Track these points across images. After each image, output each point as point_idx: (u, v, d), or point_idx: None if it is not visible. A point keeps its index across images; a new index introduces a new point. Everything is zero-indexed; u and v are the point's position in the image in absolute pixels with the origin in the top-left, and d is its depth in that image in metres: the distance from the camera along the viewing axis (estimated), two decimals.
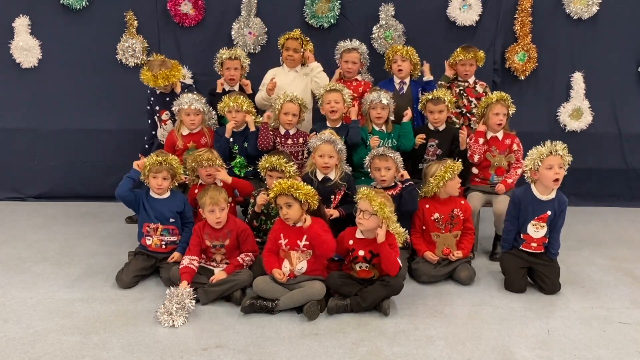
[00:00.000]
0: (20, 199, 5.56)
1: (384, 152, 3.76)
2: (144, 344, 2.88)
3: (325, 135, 3.84)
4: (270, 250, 3.41)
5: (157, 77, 4.36)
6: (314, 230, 3.26)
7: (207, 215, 3.50)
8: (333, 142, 3.77)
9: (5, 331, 2.99)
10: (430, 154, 4.31)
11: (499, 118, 4.14)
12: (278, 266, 3.35)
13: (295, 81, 4.63)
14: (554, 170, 3.39)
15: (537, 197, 3.53)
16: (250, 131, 4.26)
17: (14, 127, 5.48)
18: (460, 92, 4.65)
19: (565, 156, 3.43)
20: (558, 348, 2.89)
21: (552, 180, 3.41)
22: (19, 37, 5.33)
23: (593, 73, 5.44)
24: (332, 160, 3.77)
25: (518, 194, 3.62)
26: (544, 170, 3.42)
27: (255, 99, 4.57)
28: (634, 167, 5.64)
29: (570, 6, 5.32)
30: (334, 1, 5.26)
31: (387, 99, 4.21)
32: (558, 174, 3.40)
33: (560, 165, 3.41)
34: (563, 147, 3.44)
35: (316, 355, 2.80)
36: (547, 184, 3.46)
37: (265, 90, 4.54)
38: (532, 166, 3.46)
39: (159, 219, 3.72)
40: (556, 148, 3.41)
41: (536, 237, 3.58)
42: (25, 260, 4.00)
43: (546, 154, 3.40)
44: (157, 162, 3.69)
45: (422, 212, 3.81)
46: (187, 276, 3.33)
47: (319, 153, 3.78)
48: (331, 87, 4.26)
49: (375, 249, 3.27)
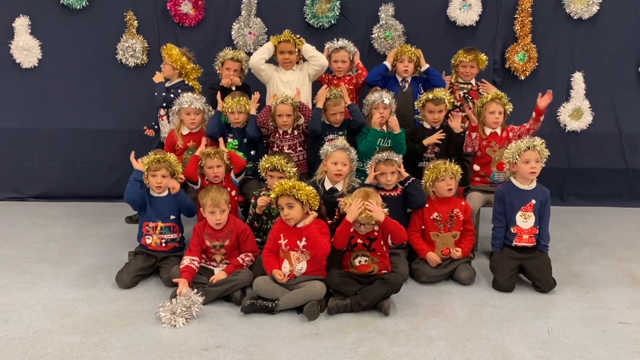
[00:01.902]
0: (20, 199, 5.57)
1: (389, 157, 3.76)
2: (144, 344, 2.88)
3: (339, 143, 3.83)
4: (270, 250, 3.41)
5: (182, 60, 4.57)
6: (310, 231, 3.27)
7: (208, 216, 3.50)
8: (347, 149, 3.78)
9: (5, 331, 2.99)
10: (429, 152, 4.32)
11: (494, 116, 4.17)
12: (278, 266, 3.35)
13: (295, 79, 4.62)
14: (530, 165, 3.57)
15: (520, 188, 3.68)
16: (250, 115, 4.29)
17: (14, 127, 5.49)
18: (464, 96, 4.66)
19: (543, 151, 3.60)
20: (558, 348, 2.89)
21: (528, 172, 3.59)
22: (19, 37, 5.33)
23: (593, 73, 5.45)
24: (345, 168, 3.75)
25: (501, 189, 3.75)
26: (521, 163, 3.60)
27: (251, 58, 4.56)
28: (634, 167, 5.64)
29: (570, 6, 5.32)
30: (334, 1, 5.26)
31: (389, 98, 4.22)
32: (534, 168, 3.59)
33: (537, 160, 3.59)
34: (541, 142, 3.62)
35: (316, 355, 2.80)
36: (524, 177, 3.63)
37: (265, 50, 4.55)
38: (511, 159, 3.63)
39: (160, 216, 3.72)
40: (534, 143, 3.59)
41: (526, 228, 3.64)
42: (25, 260, 4.00)
43: (524, 149, 3.57)
44: (155, 160, 3.69)
45: (422, 211, 3.82)
46: (187, 275, 3.33)
47: (332, 160, 3.75)
48: (335, 96, 4.26)
49: (371, 234, 3.35)
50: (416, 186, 3.78)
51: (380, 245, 3.40)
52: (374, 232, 3.39)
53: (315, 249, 3.26)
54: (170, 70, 4.63)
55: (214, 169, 3.94)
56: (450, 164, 3.77)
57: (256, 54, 4.58)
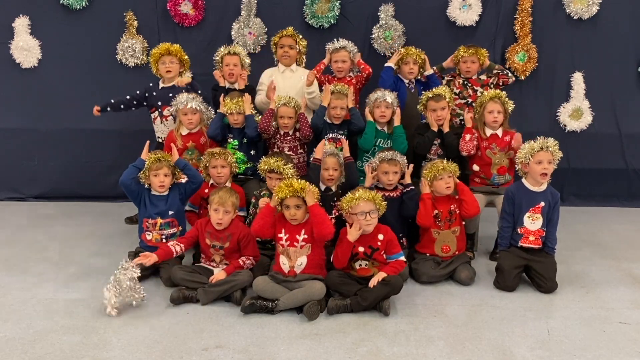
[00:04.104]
0: (20, 199, 5.57)
1: (392, 157, 3.77)
2: (144, 344, 2.88)
3: (329, 149, 3.91)
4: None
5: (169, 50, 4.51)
6: (317, 209, 3.27)
7: (211, 214, 3.50)
8: (337, 155, 3.87)
9: (5, 331, 2.99)
10: (432, 153, 4.30)
11: (493, 116, 4.15)
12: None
13: (292, 81, 4.62)
14: (542, 165, 3.55)
15: (530, 189, 3.65)
16: (247, 114, 4.27)
17: (14, 127, 5.49)
18: (464, 83, 4.63)
19: (556, 152, 3.57)
20: (558, 348, 2.89)
21: (540, 174, 3.56)
22: (19, 37, 5.34)
23: (593, 73, 5.45)
24: (336, 172, 3.86)
25: (511, 189, 3.73)
26: (533, 164, 3.57)
27: (256, 101, 4.57)
28: (634, 167, 5.64)
29: (570, 6, 5.32)
30: (334, 1, 5.26)
31: (391, 97, 4.22)
32: (546, 169, 3.55)
33: (549, 161, 3.56)
34: (554, 143, 3.58)
35: (316, 355, 2.80)
36: (535, 178, 3.60)
37: (265, 93, 4.56)
38: (524, 159, 3.59)
39: (159, 213, 3.72)
40: (547, 144, 3.56)
41: (533, 230, 3.63)
42: (25, 260, 4.00)
43: (537, 149, 3.55)
44: (155, 160, 3.69)
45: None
46: (160, 252, 3.40)
47: (323, 166, 3.85)
48: (339, 91, 4.25)
49: (374, 243, 3.35)
50: (413, 197, 3.78)
51: (381, 255, 3.39)
52: (377, 241, 3.37)
53: (322, 226, 3.26)
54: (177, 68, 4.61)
55: (217, 169, 3.95)
56: (448, 163, 3.77)
57: (257, 99, 4.59)
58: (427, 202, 3.73)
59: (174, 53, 4.55)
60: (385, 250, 3.38)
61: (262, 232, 3.39)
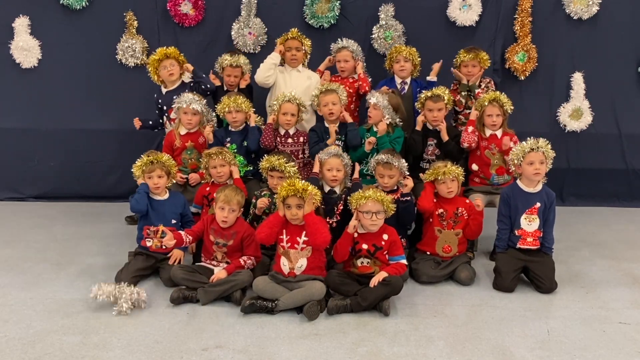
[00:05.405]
0: (20, 199, 5.57)
1: (388, 160, 3.76)
2: (144, 344, 2.88)
3: (332, 149, 3.87)
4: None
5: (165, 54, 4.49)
6: (312, 218, 3.27)
7: (216, 211, 3.51)
8: (340, 156, 3.83)
9: (5, 331, 2.99)
10: (429, 154, 4.31)
11: (492, 119, 4.16)
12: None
13: (298, 81, 4.63)
14: (534, 166, 3.55)
15: (525, 190, 3.65)
16: (250, 127, 4.27)
17: (14, 127, 5.48)
18: (469, 95, 4.61)
19: (548, 152, 3.57)
20: (558, 348, 2.89)
21: (532, 174, 3.56)
22: (19, 37, 5.33)
23: (593, 73, 5.45)
24: (339, 173, 3.82)
25: (506, 191, 3.73)
26: (525, 165, 3.58)
27: (257, 75, 4.58)
28: (634, 167, 5.64)
29: (570, 6, 5.32)
30: (334, 1, 5.26)
31: (377, 98, 4.18)
32: (538, 170, 3.55)
33: (541, 161, 3.55)
34: (546, 143, 3.58)
35: (316, 355, 2.80)
36: (529, 178, 3.61)
37: (270, 65, 4.56)
38: (516, 161, 3.60)
39: (162, 220, 3.72)
40: (538, 145, 3.55)
41: (530, 231, 3.63)
42: (25, 260, 3.99)
43: (527, 150, 3.55)
44: (147, 162, 3.70)
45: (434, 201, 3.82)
46: (178, 236, 3.46)
47: (327, 167, 3.82)
48: (327, 88, 4.25)
49: (378, 242, 3.35)
50: (407, 207, 3.72)
51: (383, 254, 3.39)
52: (382, 240, 3.38)
53: (315, 236, 3.26)
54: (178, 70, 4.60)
55: (217, 169, 3.95)
56: (450, 166, 3.74)
57: (262, 72, 4.58)
58: (429, 188, 3.76)
59: (172, 56, 4.53)
60: (388, 251, 3.39)
61: (267, 240, 3.38)
